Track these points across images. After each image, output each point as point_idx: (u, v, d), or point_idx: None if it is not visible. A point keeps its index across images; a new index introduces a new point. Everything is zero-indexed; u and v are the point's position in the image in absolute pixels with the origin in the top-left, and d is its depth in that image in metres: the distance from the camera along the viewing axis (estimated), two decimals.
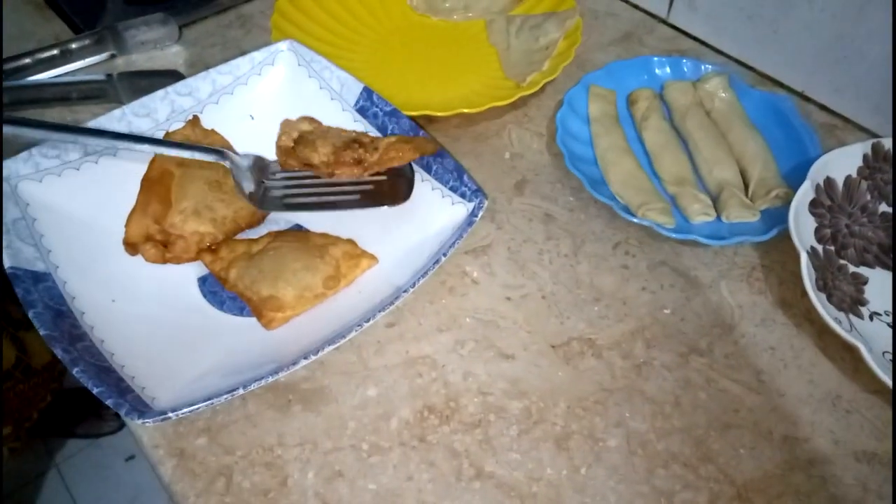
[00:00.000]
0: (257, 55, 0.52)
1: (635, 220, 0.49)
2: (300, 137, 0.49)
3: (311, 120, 0.51)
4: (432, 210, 0.46)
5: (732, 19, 0.63)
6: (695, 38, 0.67)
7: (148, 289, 0.45)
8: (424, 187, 0.47)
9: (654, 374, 0.44)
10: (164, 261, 0.47)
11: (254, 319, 0.44)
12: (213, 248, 0.48)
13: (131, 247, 0.47)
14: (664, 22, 0.69)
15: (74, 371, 0.35)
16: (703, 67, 0.60)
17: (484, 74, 0.62)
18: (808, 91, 0.61)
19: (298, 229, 0.50)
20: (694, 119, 0.56)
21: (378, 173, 0.47)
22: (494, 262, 0.50)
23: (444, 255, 0.41)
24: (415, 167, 0.48)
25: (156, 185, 0.49)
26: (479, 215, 0.43)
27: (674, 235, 0.49)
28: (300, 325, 0.43)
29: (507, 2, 0.67)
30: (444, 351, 0.45)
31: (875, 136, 0.58)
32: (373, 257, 0.47)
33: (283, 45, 0.53)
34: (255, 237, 0.49)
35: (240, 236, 0.49)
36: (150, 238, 0.47)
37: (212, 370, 0.39)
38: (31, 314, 0.38)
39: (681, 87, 0.58)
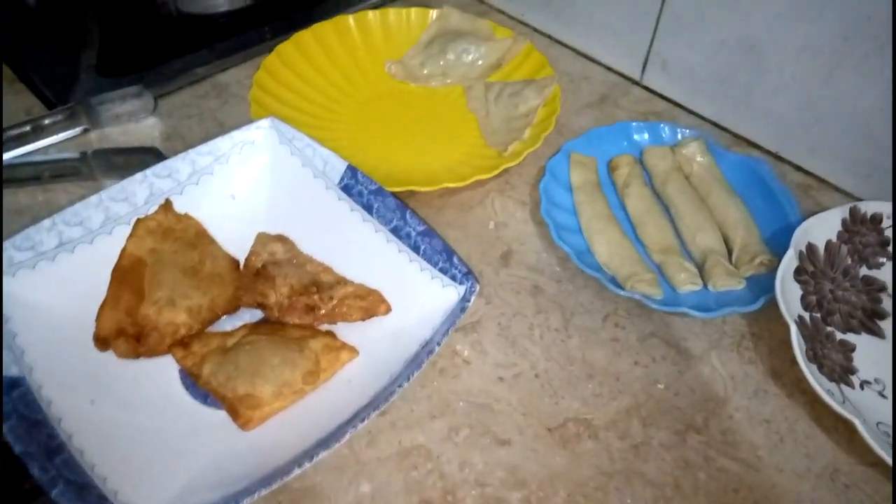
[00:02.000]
0: (237, 134, 0.52)
1: (624, 293, 0.49)
2: (264, 266, 0.48)
3: (284, 241, 0.50)
4: (421, 293, 0.46)
5: (705, 82, 0.65)
6: (669, 100, 0.69)
7: (128, 386, 0.43)
8: (412, 268, 0.47)
9: (653, 455, 0.43)
10: (137, 355, 0.45)
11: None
12: (184, 342, 0.46)
13: (102, 342, 0.45)
14: (638, 84, 0.71)
15: (53, 493, 0.34)
16: (679, 132, 0.61)
17: (465, 142, 0.62)
18: (783, 152, 0.63)
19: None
20: (674, 184, 0.57)
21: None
22: (485, 340, 0.49)
23: (438, 343, 0.40)
24: (401, 247, 0.47)
25: (128, 275, 0.47)
26: (472, 300, 0.42)
27: (663, 308, 0.49)
28: (288, 420, 0.42)
29: (484, 68, 0.68)
30: (438, 439, 0.44)
31: (850, 196, 0.59)
32: (353, 350, 0.45)
33: (263, 123, 0.52)
34: (229, 329, 0.47)
35: (216, 325, 0.48)
36: (123, 332, 0.45)
37: (198, 479, 0.37)
38: (4, 428, 0.36)
39: (659, 153, 0.59)
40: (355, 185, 0.50)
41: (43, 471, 0.35)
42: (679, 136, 0.61)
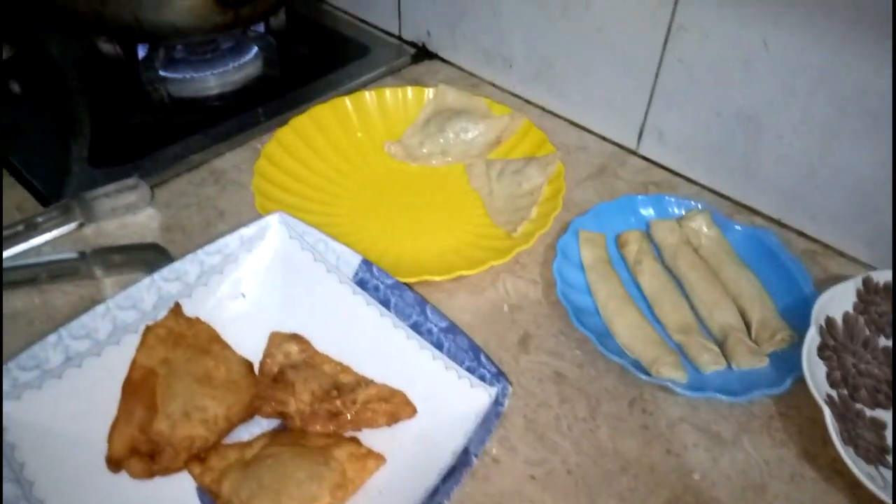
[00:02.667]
0: (246, 231, 0.50)
1: (650, 378, 0.49)
2: (282, 371, 0.47)
3: (299, 340, 0.49)
4: (447, 394, 0.44)
5: (703, 152, 0.66)
6: (667, 169, 0.69)
7: None
8: (436, 367, 0.45)
9: None
10: (152, 475, 0.43)
11: None
12: (201, 457, 0.43)
13: (114, 464, 0.42)
14: (635, 153, 0.71)
15: None
16: (684, 205, 0.61)
17: (471, 221, 0.62)
18: (785, 219, 0.63)
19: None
20: (685, 259, 0.57)
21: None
22: (512, 435, 0.48)
23: (476, 455, 0.39)
24: (423, 344, 0.46)
25: (139, 389, 0.45)
26: (506, 404, 0.41)
27: (690, 394, 0.48)
28: None
29: (483, 145, 0.68)
30: None
31: (857, 261, 0.60)
32: (380, 457, 0.43)
33: (272, 219, 0.51)
34: (247, 438, 0.45)
35: (232, 434, 0.46)
36: (136, 450, 0.43)
37: None
38: None
39: (667, 226, 0.59)
40: (370, 280, 0.49)
41: None
42: (685, 208, 0.61)
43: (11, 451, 0.40)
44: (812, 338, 0.48)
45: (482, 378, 0.43)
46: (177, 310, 0.48)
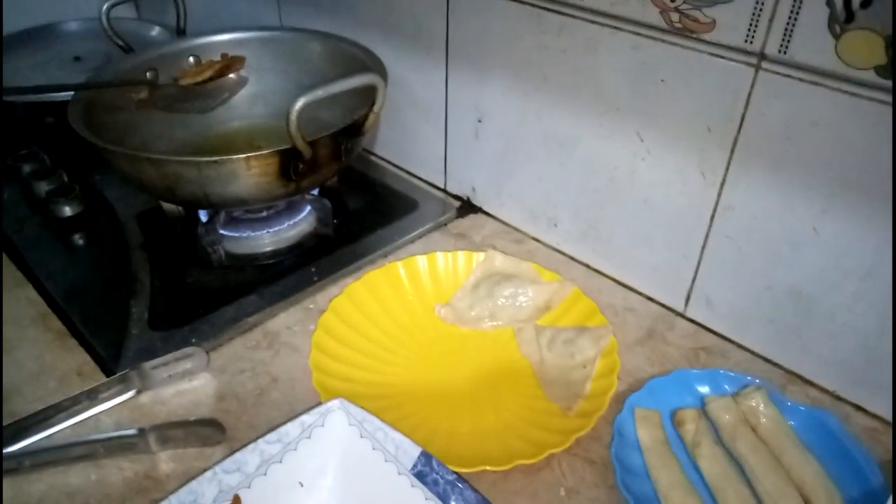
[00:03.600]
0: (307, 418, 0.51)
1: None
2: None
3: None
4: None
5: (753, 321, 0.66)
6: (717, 334, 0.69)
7: None
8: None
9: None
10: None
11: None
12: None
13: None
14: (683, 316, 0.72)
15: None
16: (739, 381, 0.61)
17: (524, 393, 0.62)
18: (841, 392, 0.62)
19: None
20: (744, 440, 0.56)
21: None
22: None
23: None
24: None
25: None
26: None
27: None
28: None
29: (532, 310, 0.69)
30: None
31: None
32: None
33: (333, 405, 0.52)
34: None
35: None
36: None
37: None
38: None
39: (723, 404, 0.59)
40: (430, 473, 0.49)
41: None
42: (739, 385, 0.60)
43: None
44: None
45: None
46: (235, 502, 0.48)
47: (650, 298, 0.74)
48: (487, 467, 0.52)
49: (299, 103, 0.62)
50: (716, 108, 0.60)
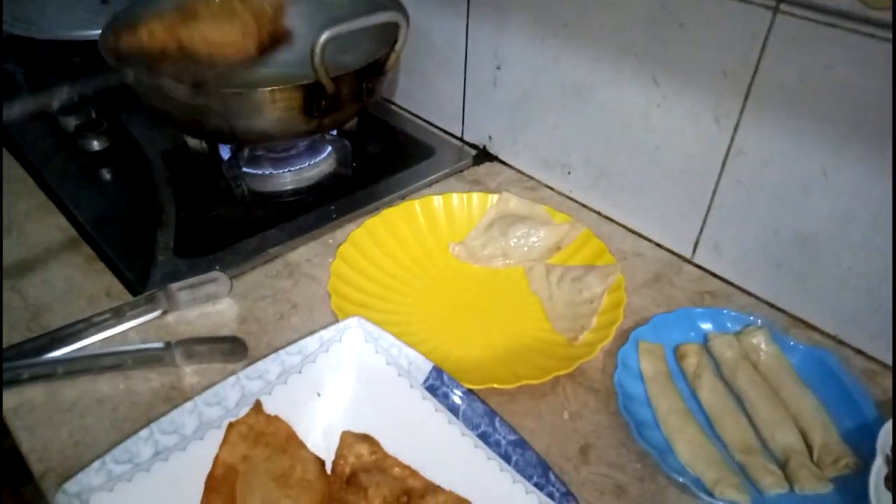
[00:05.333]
0: (325, 334, 0.54)
1: (713, 500, 0.49)
2: (354, 473, 0.49)
3: (371, 442, 0.51)
4: None
5: (759, 266, 0.67)
6: (723, 279, 0.71)
7: None
8: (503, 479, 0.47)
9: None
10: None
11: None
12: None
13: None
14: (690, 262, 0.73)
15: None
16: (742, 320, 0.62)
17: (532, 326, 0.64)
18: (843, 336, 0.64)
19: None
20: (744, 375, 0.58)
21: None
22: None
23: None
24: (490, 455, 0.48)
25: (221, 485, 0.47)
26: None
27: None
28: None
29: (544, 250, 0.71)
30: None
31: None
32: None
33: (351, 322, 0.54)
34: None
35: None
36: None
37: None
38: None
39: (725, 341, 0.61)
40: (440, 386, 0.51)
41: None
42: (742, 325, 0.62)
43: None
44: (879, 468, 0.48)
45: (550, 496, 0.44)
46: (258, 407, 0.51)
47: (659, 245, 0.76)
48: (495, 385, 0.55)
49: (324, 36, 0.63)
50: (733, 52, 0.61)
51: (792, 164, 0.61)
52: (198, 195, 0.80)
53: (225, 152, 0.82)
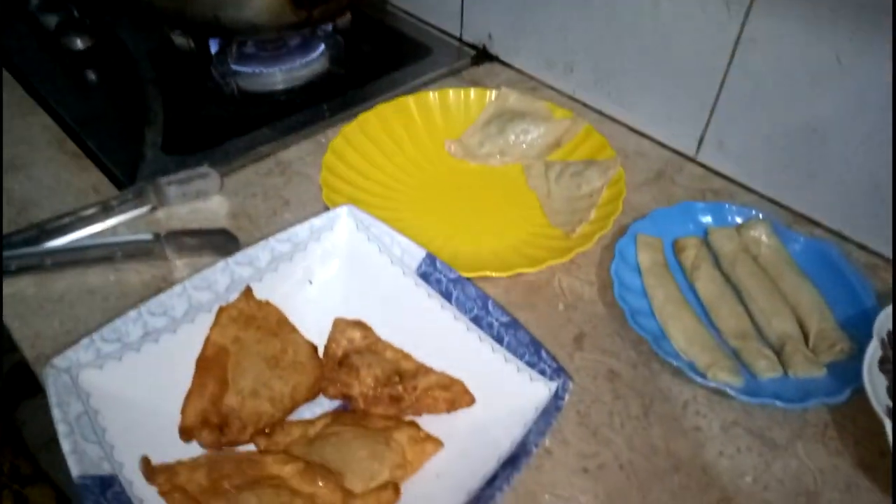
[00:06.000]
0: (316, 221, 0.52)
1: (706, 382, 0.49)
2: (346, 355, 0.48)
3: (363, 328, 0.51)
4: (506, 386, 0.45)
5: (764, 162, 0.66)
6: (726, 178, 0.69)
7: None
8: (495, 359, 0.46)
9: None
10: (221, 446, 0.45)
11: None
12: (267, 431, 0.46)
13: (187, 433, 0.45)
14: (693, 161, 0.71)
15: None
16: (744, 213, 0.61)
17: (529, 221, 0.63)
18: (847, 231, 0.63)
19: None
20: (743, 266, 0.57)
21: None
22: (565, 429, 0.49)
23: (536, 445, 0.40)
24: (483, 337, 0.47)
25: (212, 365, 0.47)
26: (566, 398, 0.42)
27: (745, 398, 0.48)
28: None
29: (543, 148, 0.69)
30: None
31: None
32: (438, 442, 0.45)
33: (341, 211, 0.53)
34: (309, 417, 0.47)
35: (294, 413, 0.48)
36: (207, 422, 0.45)
37: None
38: None
39: (726, 234, 0.59)
40: (433, 273, 0.50)
41: None
42: (743, 218, 0.61)
43: (95, 416, 0.42)
44: (874, 350, 0.48)
45: (542, 373, 0.44)
46: (248, 292, 0.50)
47: (661, 144, 0.73)
48: (489, 273, 0.54)
49: None
50: None
51: (805, 51, 0.58)
52: (186, 95, 0.78)
53: (213, 45, 0.79)
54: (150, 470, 0.41)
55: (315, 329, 0.51)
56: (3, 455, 0.82)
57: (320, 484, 0.40)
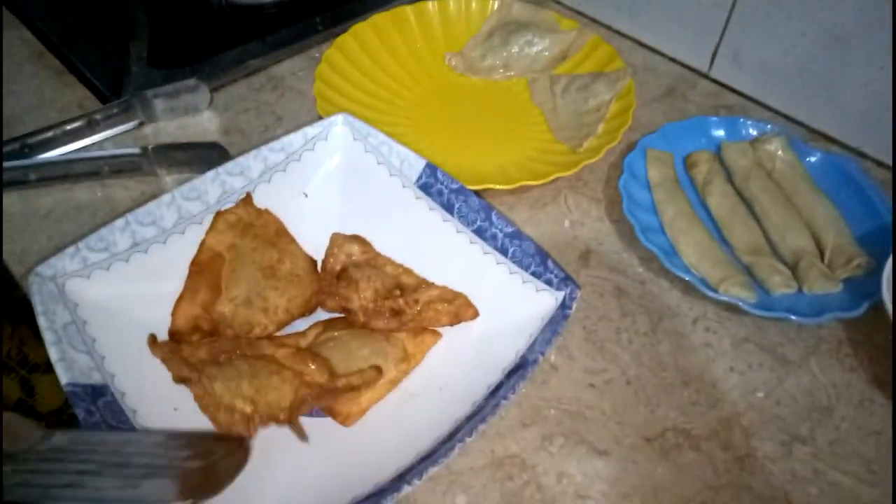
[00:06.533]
0: (310, 130, 0.50)
1: (717, 296, 0.47)
2: (345, 269, 0.46)
3: (361, 242, 0.48)
4: (511, 297, 0.43)
5: (780, 75, 0.62)
6: (739, 93, 0.66)
7: None
8: (499, 271, 0.44)
9: (759, 468, 0.41)
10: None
11: (327, 419, 0.41)
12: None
13: (176, 336, 0.43)
14: (706, 76, 0.68)
15: None
16: (759, 127, 0.58)
17: (533, 136, 0.60)
18: (865, 148, 0.60)
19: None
20: (757, 182, 0.55)
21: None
22: (571, 345, 0.47)
23: (543, 353, 0.38)
24: (487, 249, 0.45)
25: (205, 270, 0.45)
26: (573, 307, 0.40)
27: (759, 312, 0.46)
28: (381, 434, 0.40)
29: (548, 60, 0.66)
30: (531, 449, 0.42)
31: None
32: (436, 333, 0.45)
33: (336, 119, 0.50)
34: (301, 329, 0.46)
35: (288, 328, 0.46)
36: (197, 328, 0.44)
37: (290, 499, 0.36)
38: None
39: (739, 148, 0.57)
40: (434, 184, 0.48)
41: None
42: (759, 131, 0.58)
43: (83, 326, 0.41)
44: (893, 264, 0.46)
45: (549, 283, 0.42)
46: (247, 199, 0.48)
47: (673, 59, 0.70)
48: (492, 186, 0.52)
49: None
50: None
51: None
52: (171, 7, 0.74)
53: None
54: (154, 343, 0.42)
55: (311, 244, 0.49)
56: (12, 341, 0.80)
57: (311, 365, 0.39)
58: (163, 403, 0.40)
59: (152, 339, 0.42)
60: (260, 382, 0.39)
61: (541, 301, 0.42)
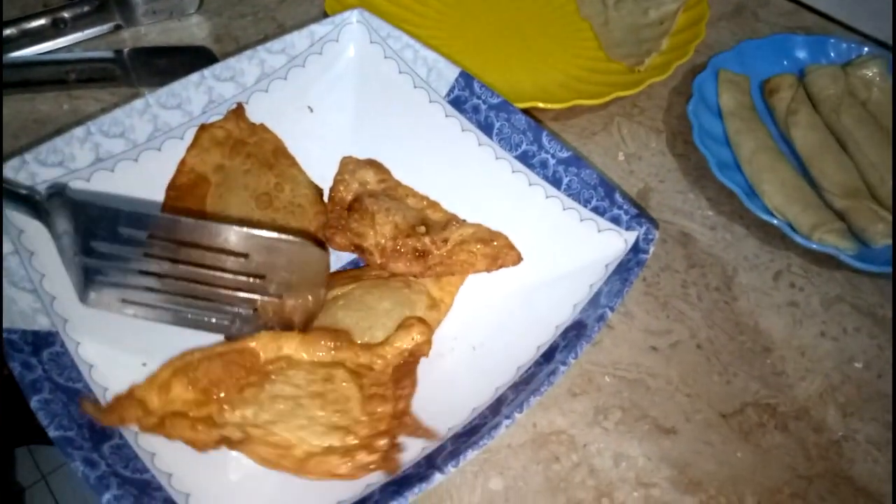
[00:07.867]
0: (318, 29, 0.40)
1: (809, 244, 0.39)
2: (358, 199, 0.37)
3: (378, 168, 0.40)
4: (567, 239, 0.35)
5: None
6: (819, 13, 0.57)
7: (188, 343, 0.33)
8: (550, 206, 0.36)
9: (860, 454, 0.34)
10: None
11: None
12: None
13: None
14: None
15: (104, 500, 0.24)
16: (853, 49, 0.49)
17: (580, 55, 0.51)
18: None
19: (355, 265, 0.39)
20: (850, 113, 0.46)
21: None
22: (629, 299, 0.39)
23: (612, 308, 0.30)
24: (533, 179, 0.37)
25: (186, 196, 0.37)
26: (650, 251, 0.32)
27: (860, 265, 0.38)
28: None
29: None
30: (582, 423, 0.34)
31: None
32: (462, 270, 0.37)
33: (350, 16, 0.41)
34: None
35: None
36: None
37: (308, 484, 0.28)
38: (34, 403, 0.27)
39: (829, 73, 0.48)
40: (469, 98, 0.39)
41: (89, 465, 0.25)
42: (853, 53, 0.49)
43: (29, 258, 0.32)
44: None
45: (615, 221, 0.34)
46: (239, 111, 0.39)
47: None
48: (539, 104, 0.43)
49: None
50: None
51: None
52: None
53: None
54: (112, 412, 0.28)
55: (316, 169, 0.40)
56: None
57: (331, 345, 0.31)
58: (130, 356, 0.32)
59: (95, 409, 0.28)
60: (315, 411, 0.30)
61: (605, 243, 0.34)
